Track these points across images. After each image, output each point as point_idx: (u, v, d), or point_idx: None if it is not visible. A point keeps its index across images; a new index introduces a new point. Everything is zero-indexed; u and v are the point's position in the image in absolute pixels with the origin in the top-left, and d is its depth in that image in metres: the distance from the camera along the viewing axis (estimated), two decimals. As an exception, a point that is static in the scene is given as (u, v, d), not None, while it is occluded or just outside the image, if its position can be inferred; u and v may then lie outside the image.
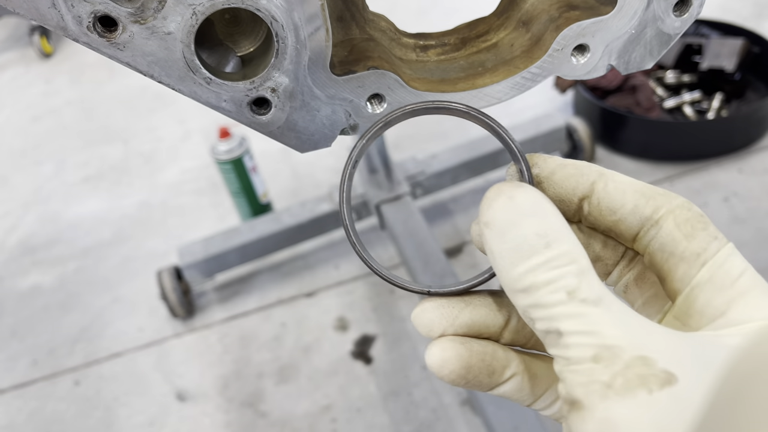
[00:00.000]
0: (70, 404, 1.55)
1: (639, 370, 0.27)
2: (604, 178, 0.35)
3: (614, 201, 0.35)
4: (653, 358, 0.27)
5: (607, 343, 0.28)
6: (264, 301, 1.70)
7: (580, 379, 0.28)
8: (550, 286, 0.29)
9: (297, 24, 0.36)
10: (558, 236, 0.30)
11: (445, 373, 0.35)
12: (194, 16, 0.35)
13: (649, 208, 0.34)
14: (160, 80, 0.38)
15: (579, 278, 0.29)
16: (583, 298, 0.29)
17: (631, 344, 0.28)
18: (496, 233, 0.30)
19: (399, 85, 0.39)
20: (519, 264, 0.30)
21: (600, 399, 0.27)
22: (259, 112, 0.39)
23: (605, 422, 0.27)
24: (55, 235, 2.03)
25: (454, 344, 0.35)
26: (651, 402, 0.26)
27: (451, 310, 0.36)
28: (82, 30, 0.36)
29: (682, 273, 0.32)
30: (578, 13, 0.39)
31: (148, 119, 2.49)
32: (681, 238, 0.33)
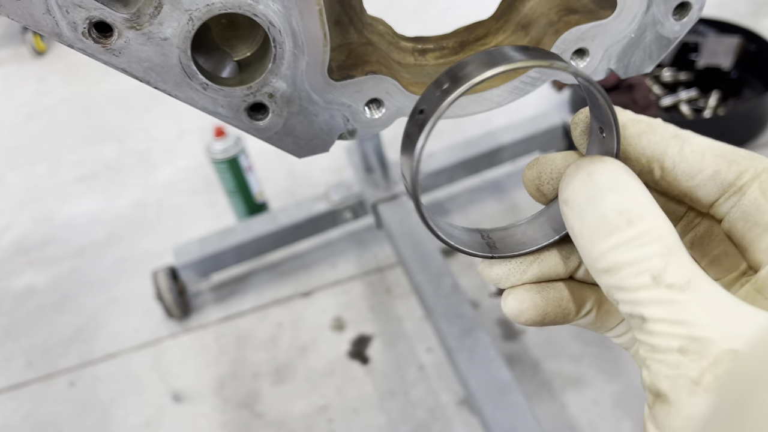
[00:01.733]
0: (65, 405, 1.54)
1: (728, 366, 0.25)
2: (680, 139, 0.32)
3: (692, 165, 0.31)
4: (744, 352, 0.26)
5: (695, 334, 0.26)
6: (260, 301, 1.70)
7: (666, 371, 0.27)
8: (634, 268, 0.28)
9: (294, 29, 0.36)
10: (641, 212, 0.28)
11: (522, 320, 0.34)
12: (191, 22, 0.35)
13: (732, 173, 0.31)
14: (156, 86, 0.38)
15: (665, 259, 0.28)
16: (670, 283, 0.27)
17: (721, 336, 0.26)
18: (576, 211, 0.30)
19: (397, 90, 0.39)
20: (599, 243, 0.29)
21: (687, 395, 0.26)
22: (257, 117, 0.39)
23: (692, 420, 0.26)
24: (49, 235, 2.02)
25: (531, 294, 0.34)
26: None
27: (519, 266, 0.35)
28: (77, 36, 0.36)
29: (766, 245, 0.30)
30: (577, 17, 0.38)
31: (142, 118, 2.48)
32: (766, 205, 0.30)
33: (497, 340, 1.50)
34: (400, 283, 1.67)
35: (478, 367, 1.24)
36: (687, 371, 0.26)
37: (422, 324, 1.56)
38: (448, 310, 1.37)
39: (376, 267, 1.73)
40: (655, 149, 0.32)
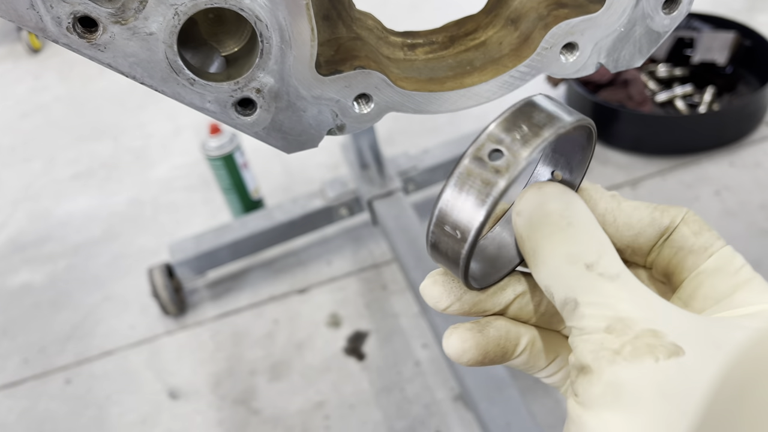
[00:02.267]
0: (61, 403, 1.54)
1: (648, 341, 0.28)
2: (617, 199, 0.37)
3: (631, 216, 0.36)
4: (663, 332, 0.28)
5: (620, 315, 0.29)
6: (256, 298, 1.70)
7: (590, 347, 0.29)
8: (570, 258, 0.31)
9: (281, 23, 0.36)
10: (581, 218, 0.32)
11: (464, 360, 0.36)
12: (176, 17, 0.35)
13: (666, 219, 0.36)
14: (143, 81, 0.38)
15: (599, 254, 0.31)
16: (601, 272, 0.30)
17: (643, 317, 0.29)
18: (524, 217, 0.33)
19: (386, 85, 0.39)
20: (540, 240, 0.32)
21: (608, 364, 0.28)
22: (244, 112, 0.39)
23: (611, 385, 0.28)
24: (45, 233, 2.02)
25: (473, 333, 0.36)
26: (657, 369, 0.27)
27: (459, 288, 0.37)
28: (62, 31, 0.35)
29: (690, 263, 0.35)
30: (567, 11, 0.38)
31: (137, 115, 2.47)
32: (690, 234, 0.35)
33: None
34: (396, 280, 1.67)
35: (473, 363, 1.24)
36: (610, 344, 0.29)
37: (418, 320, 1.56)
38: (443, 306, 1.37)
39: (372, 263, 1.73)
40: (595, 208, 0.36)
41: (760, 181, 1.73)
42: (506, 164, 0.31)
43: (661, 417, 0.27)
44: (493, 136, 0.32)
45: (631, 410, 0.27)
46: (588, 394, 0.29)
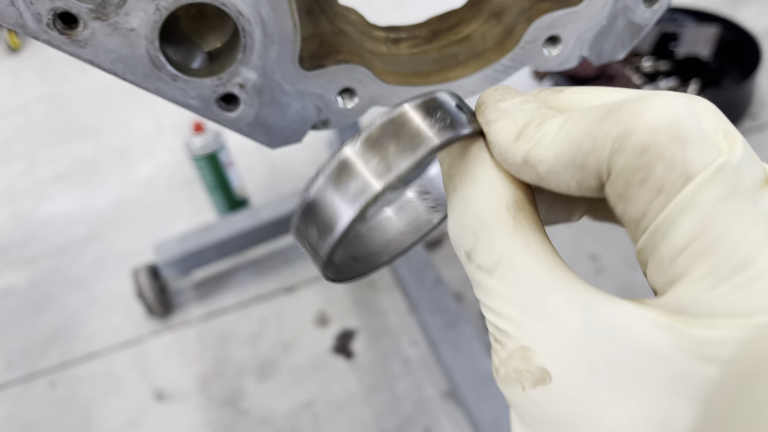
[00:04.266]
0: (46, 406, 1.53)
1: (517, 364, 0.25)
2: (531, 165, 0.26)
3: (557, 188, 0.26)
4: (534, 351, 0.24)
5: (498, 324, 0.26)
6: (243, 297, 1.69)
7: (494, 346, 0.27)
8: (455, 243, 0.27)
9: (264, 18, 0.35)
10: (463, 176, 0.27)
11: None
12: (157, 12, 0.35)
13: (592, 179, 0.24)
14: (125, 78, 0.37)
15: (475, 235, 0.26)
16: (479, 263, 0.26)
17: (518, 330, 0.25)
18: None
19: (370, 79, 0.39)
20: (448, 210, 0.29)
21: (496, 378, 0.26)
22: (228, 108, 0.38)
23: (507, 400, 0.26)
24: (27, 235, 2.00)
25: None
26: (525, 398, 0.25)
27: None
28: (42, 27, 0.35)
29: (631, 237, 0.25)
30: (549, 4, 0.38)
31: (120, 114, 2.45)
32: (615, 201, 0.24)
33: (482, 331, 1.50)
34: (384, 277, 1.67)
35: (461, 359, 1.24)
36: (494, 357, 0.26)
37: (406, 317, 1.56)
38: (431, 303, 1.37)
39: (359, 261, 1.72)
40: (518, 177, 0.28)
41: (741, 175, 1.75)
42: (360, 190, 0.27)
43: None
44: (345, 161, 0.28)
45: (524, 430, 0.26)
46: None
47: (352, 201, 0.27)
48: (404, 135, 0.27)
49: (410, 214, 0.36)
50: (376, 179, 0.26)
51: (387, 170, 0.26)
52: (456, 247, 0.27)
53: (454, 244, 0.27)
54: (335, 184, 0.27)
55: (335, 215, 0.27)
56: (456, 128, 0.28)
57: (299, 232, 0.29)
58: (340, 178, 0.27)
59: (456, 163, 0.28)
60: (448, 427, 1.35)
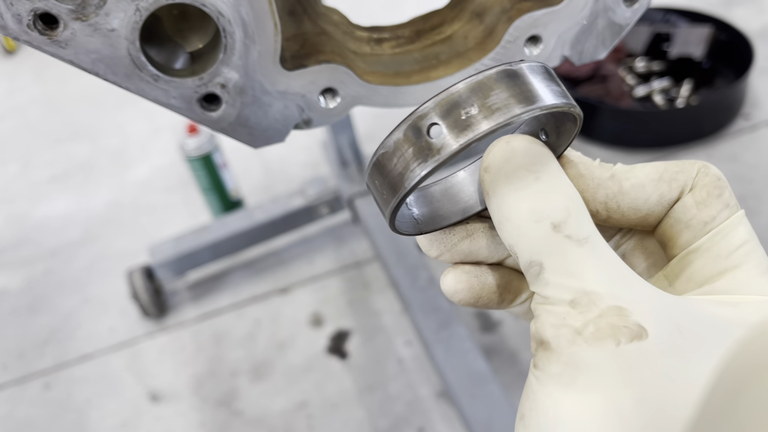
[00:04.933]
0: (41, 408, 1.52)
1: (612, 320, 0.27)
2: (617, 180, 0.33)
3: (636, 199, 0.32)
4: (629, 310, 0.27)
5: (586, 287, 0.28)
6: (237, 298, 1.69)
7: (552, 320, 0.28)
8: (536, 214, 0.29)
9: (245, 19, 0.36)
10: (550, 173, 0.30)
11: (456, 300, 0.35)
12: (138, 12, 0.35)
13: (675, 191, 0.32)
14: (106, 78, 0.37)
15: (568, 212, 0.29)
16: (569, 233, 0.28)
17: (609, 293, 0.27)
18: (491, 174, 0.30)
19: (351, 79, 0.39)
20: (506, 195, 0.29)
21: (568, 344, 0.27)
22: (210, 108, 0.38)
23: (569, 366, 0.27)
24: (21, 236, 1.99)
25: (468, 276, 0.35)
26: (618, 353, 0.26)
27: (451, 238, 0.35)
28: (23, 28, 0.35)
29: (684, 240, 0.32)
30: (530, 4, 0.39)
31: (115, 116, 2.45)
32: (692, 205, 0.32)
33: (475, 332, 1.50)
34: (378, 278, 1.67)
35: (454, 359, 1.24)
36: (572, 321, 0.27)
37: (400, 318, 1.56)
38: (424, 303, 1.37)
39: (354, 262, 1.73)
40: (595, 193, 0.33)
41: (737, 174, 1.75)
42: (440, 144, 0.28)
43: (614, 404, 0.26)
44: (441, 106, 0.28)
45: (585, 395, 0.27)
46: (546, 371, 0.28)
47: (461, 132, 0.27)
48: (520, 87, 0.28)
49: (454, 199, 0.36)
50: (489, 117, 0.27)
51: (526, 100, 0.27)
52: (535, 219, 0.29)
53: (534, 216, 0.29)
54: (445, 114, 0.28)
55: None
56: (568, 98, 0.29)
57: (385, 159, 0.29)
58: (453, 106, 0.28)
59: (536, 161, 0.30)
60: (442, 427, 1.35)
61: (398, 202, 0.29)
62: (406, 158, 0.28)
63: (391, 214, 0.30)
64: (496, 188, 0.30)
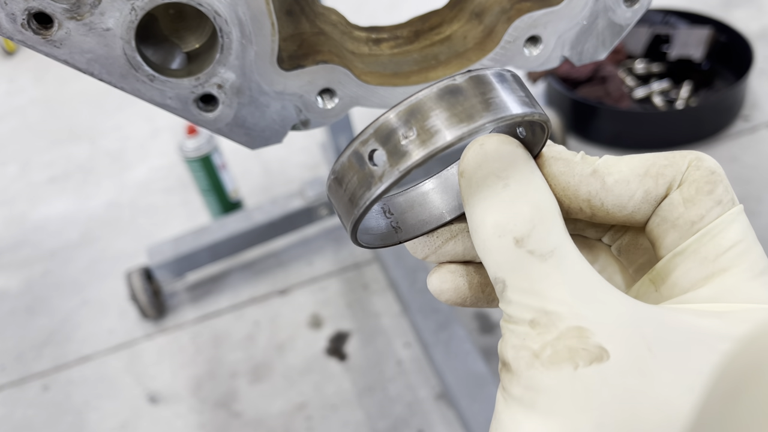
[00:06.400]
0: (39, 410, 1.52)
1: (570, 342, 0.26)
2: (599, 175, 0.31)
3: (620, 196, 0.30)
4: (590, 330, 0.26)
5: (547, 307, 0.26)
6: (236, 300, 1.69)
7: (514, 340, 0.27)
8: (498, 229, 0.27)
9: (241, 18, 0.35)
10: (521, 179, 0.28)
11: (443, 299, 0.34)
12: (133, 12, 0.34)
13: (662, 188, 0.30)
14: (101, 78, 0.37)
15: (532, 224, 0.27)
16: (532, 248, 0.27)
17: (571, 312, 0.26)
18: (465, 179, 0.29)
19: (349, 80, 0.39)
20: (475, 203, 0.28)
21: (526, 367, 0.26)
22: (206, 108, 0.38)
23: (529, 389, 0.26)
24: (20, 238, 1.99)
25: (454, 276, 0.34)
26: (575, 377, 0.25)
27: (435, 240, 0.34)
28: (17, 28, 0.35)
29: (671, 241, 0.30)
30: (530, 4, 0.38)
31: (115, 117, 2.45)
32: (679, 203, 0.30)
33: (474, 333, 1.50)
34: (377, 279, 1.66)
35: (453, 361, 1.24)
36: (531, 343, 0.26)
37: (399, 319, 1.56)
38: (423, 304, 1.37)
39: (353, 263, 1.72)
40: (577, 191, 0.31)
41: (736, 175, 1.75)
42: (381, 171, 0.27)
43: (573, 430, 0.25)
44: (379, 132, 0.27)
45: (545, 419, 0.26)
46: (509, 392, 0.27)
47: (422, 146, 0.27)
48: (480, 98, 0.27)
49: (448, 194, 0.35)
50: (456, 125, 0.26)
51: (468, 119, 0.26)
52: (498, 234, 0.27)
53: (496, 231, 0.28)
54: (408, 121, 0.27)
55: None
56: (536, 107, 0.28)
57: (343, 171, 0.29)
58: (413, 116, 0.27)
59: (507, 166, 0.29)
60: (441, 429, 1.34)
61: (353, 227, 0.29)
62: (353, 185, 0.28)
63: (351, 234, 0.30)
64: (468, 196, 0.29)
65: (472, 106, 0.27)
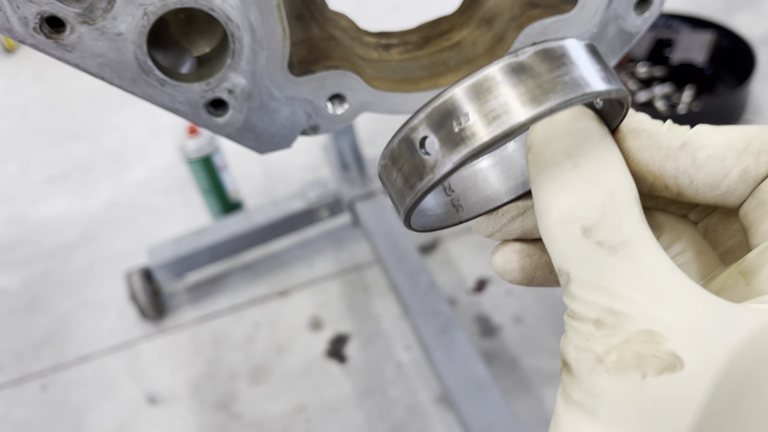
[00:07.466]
0: (38, 410, 1.52)
1: (639, 348, 0.23)
2: (690, 149, 0.27)
3: (714, 173, 0.27)
4: (663, 334, 0.23)
5: (614, 306, 0.24)
6: (236, 301, 1.68)
7: (576, 340, 0.24)
8: (565, 215, 0.25)
9: (253, 24, 0.35)
10: (592, 158, 0.25)
11: (508, 279, 0.32)
12: (145, 17, 0.34)
13: (763, 167, 0.26)
14: (112, 82, 0.37)
15: (603, 211, 0.24)
16: (601, 239, 0.24)
17: (642, 313, 0.23)
18: (533, 155, 0.26)
19: (360, 85, 0.39)
20: (542, 184, 0.26)
21: (588, 371, 0.24)
22: (216, 113, 0.38)
23: (590, 395, 0.24)
24: (20, 237, 1.99)
25: (519, 256, 0.31)
26: (643, 386, 0.23)
27: (500, 218, 0.31)
28: (29, 31, 0.35)
29: (767, 228, 0.26)
30: (540, 12, 0.38)
31: (115, 116, 2.44)
32: None
33: (475, 337, 1.50)
34: (378, 281, 1.66)
35: (454, 364, 1.24)
36: (595, 345, 0.24)
37: (400, 322, 1.56)
38: (425, 307, 1.37)
39: (354, 265, 1.72)
40: (662, 167, 0.27)
41: (735, 181, 1.75)
42: (434, 161, 0.24)
43: None
44: (431, 116, 0.24)
45: (607, 429, 0.24)
46: (569, 394, 0.25)
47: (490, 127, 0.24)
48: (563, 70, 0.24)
49: (501, 176, 0.33)
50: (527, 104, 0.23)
51: (533, 101, 0.23)
52: (564, 221, 0.25)
53: (562, 217, 0.25)
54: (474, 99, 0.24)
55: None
56: (621, 85, 0.25)
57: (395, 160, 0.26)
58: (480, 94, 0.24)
59: (579, 143, 0.26)
60: (441, 433, 1.34)
61: (405, 215, 0.27)
62: (404, 173, 0.26)
63: (405, 222, 0.28)
64: (535, 175, 0.26)
65: (539, 85, 0.23)
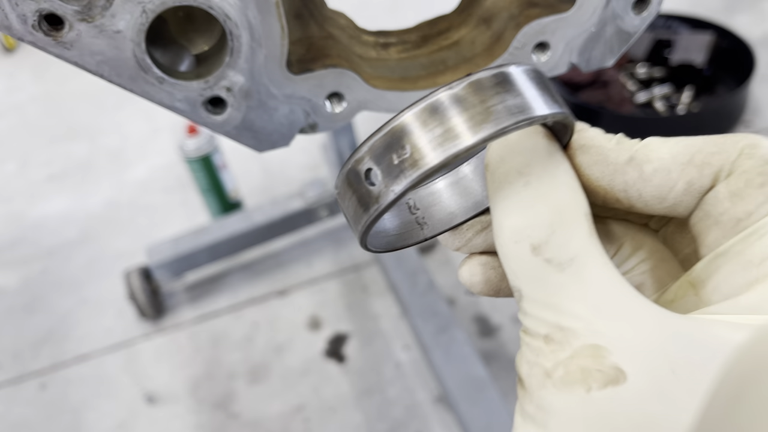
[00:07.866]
0: (36, 409, 1.52)
1: (584, 362, 0.24)
2: (637, 163, 0.27)
3: (660, 187, 0.27)
4: (607, 348, 0.23)
5: (562, 322, 0.24)
6: (235, 300, 1.68)
7: (528, 356, 0.25)
8: (516, 234, 0.25)
9: (251, 22, 0.35)
10: (542, 175, 0.26)
11: (475, 291, 0.32)
12: (144, 14, 0.34)
13: (707, 178, 0.27)
14: (110, 80, 0.37)
15: (552, 228, 0.25)
16: (549, 257, 0.25)
17: (588, 328, 0.24)
18: (490, 173, 0.27)
19: (358, 84, 0.39)
20: (496, 202, 0.26)
21: (538, 386, 0.25)
22: (215, 111, 0.38)
23: (540, 409, 0.25)
24: (19, 236, 1.99)
25: (484, 268, 0.32)
26: (588, 401, 0.23)
27: (465, 233, 0.32)
28: (27, 29, 0.35)
29: (713, 239, 0.27)
30: (538, 11, 0.38)
31: (115, 115, 2.44)
32: (725, 196, 0.26)
33: (474, 336, 1.50)
34: (377, 281, 1.66)
35: (453, 364, 1.24)
36: (544, 361, 0.25)
37: (399, 322, 1.56)
38: (423, 307, 1.37)
39: (353, 265, 1.72)
40: (611, 182, 0.28)
41: (734, 182, 1.75)
42: (377, 192, 0.25)
43: None
44: (373, 150, 0.25)
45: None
46: (523, 408, 0.26)
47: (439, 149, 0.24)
48: (503, 93, 0.24)
49: (464, 192, 0.34)
50: (469, 131, 0.24)
51: (467, 131, 0.24)
52: (514, 239, 0.25)
53: (513, 236, 0.26)
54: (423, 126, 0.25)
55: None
56: (562, 106, 0.26)
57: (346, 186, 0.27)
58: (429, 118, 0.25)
59: (530, 161, 0.26)
60: (440, 432, 1.34)
61: (360, 239, 0.28)
62: (353, 202, 0.26)
63: (361, 244, 0.29)
64: (491, 192, 0.27)
65: (472, 117, 0.24)
